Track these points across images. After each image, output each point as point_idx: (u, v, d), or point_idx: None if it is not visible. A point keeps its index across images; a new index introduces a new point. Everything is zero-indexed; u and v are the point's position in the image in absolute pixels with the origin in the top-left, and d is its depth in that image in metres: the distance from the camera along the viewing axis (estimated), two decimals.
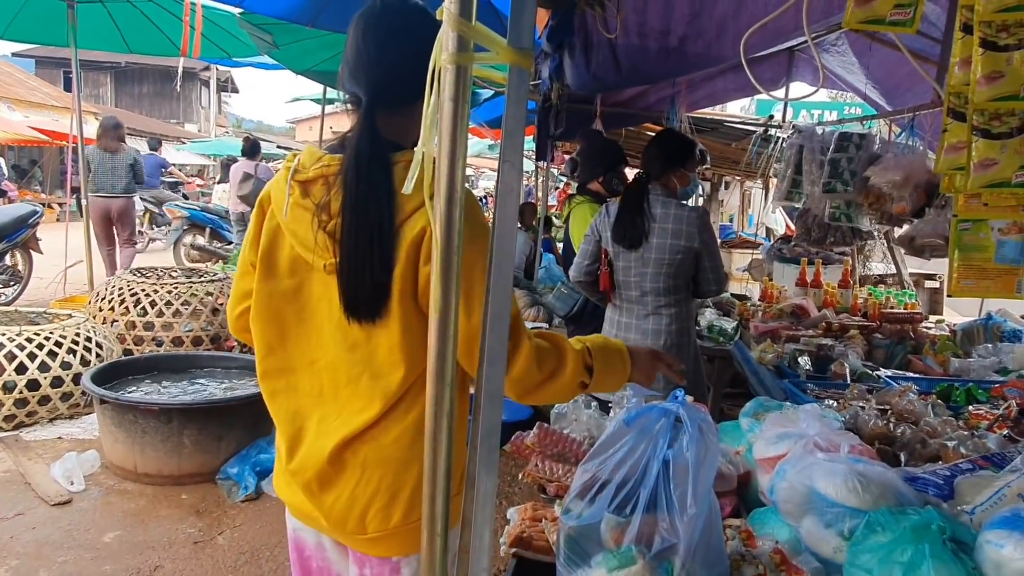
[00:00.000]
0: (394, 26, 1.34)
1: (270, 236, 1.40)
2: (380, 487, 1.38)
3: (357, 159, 1.27)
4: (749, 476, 2.17)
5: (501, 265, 0.97)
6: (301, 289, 1.38)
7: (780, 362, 3.58)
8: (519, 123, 0.97)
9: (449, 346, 0.99)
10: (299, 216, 1.34)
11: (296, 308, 1.39)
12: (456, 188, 0.96)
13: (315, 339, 1.38)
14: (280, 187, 1.39)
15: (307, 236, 1.33)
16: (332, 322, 1.34)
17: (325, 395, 1.39)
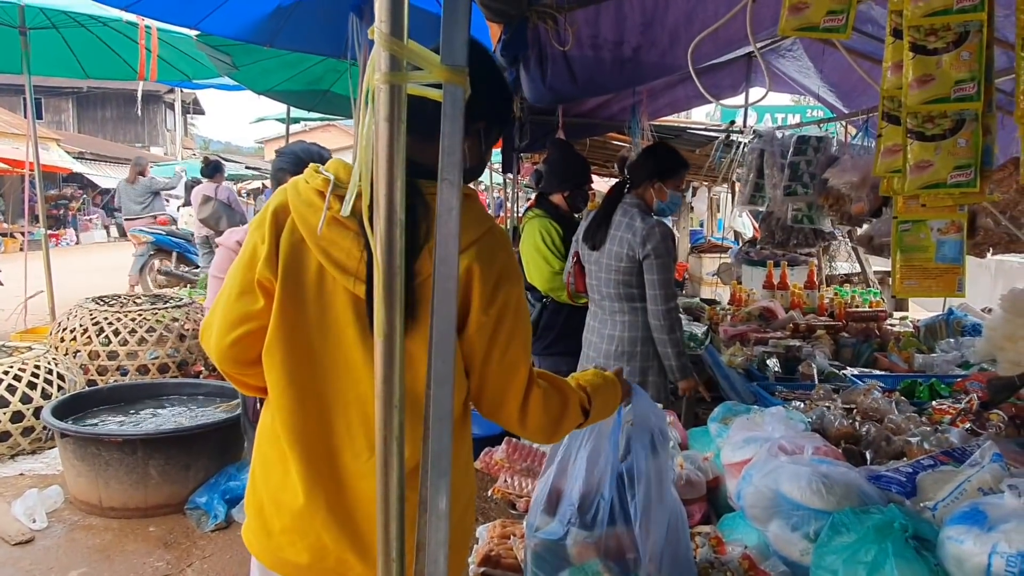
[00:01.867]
0: None
1: (292, 252, 1.28)
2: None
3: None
4: (718, 482, 2.17)
5: (446, 286, 0.96)
6: (327, 313, 1.29)
7: (749, 365, 3.61)
8: (456, 140, 0.96)
9: (395, 369, 0.97)
10: (336, 235, 1.25)
11: (322, 334, 1.29)
12: (395, 209, 0.94)
13: (343, 369, 1.29)
14: (306, 198, 1.28)
15: (346, 256, 1.24)
16: (363, 350, 1.27)
17: (354, 431, 1.30)
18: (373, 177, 0.95)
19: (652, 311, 2.88)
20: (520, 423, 1.37)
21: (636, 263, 2.89)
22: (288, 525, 1.32)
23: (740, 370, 3.60)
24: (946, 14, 1.06)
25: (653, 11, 2.52)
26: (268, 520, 1.36)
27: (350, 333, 1.28)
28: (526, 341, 1.34)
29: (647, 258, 2.85)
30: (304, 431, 1.31)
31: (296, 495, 1.30)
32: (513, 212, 6.78)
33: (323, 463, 1.31)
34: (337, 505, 1.30)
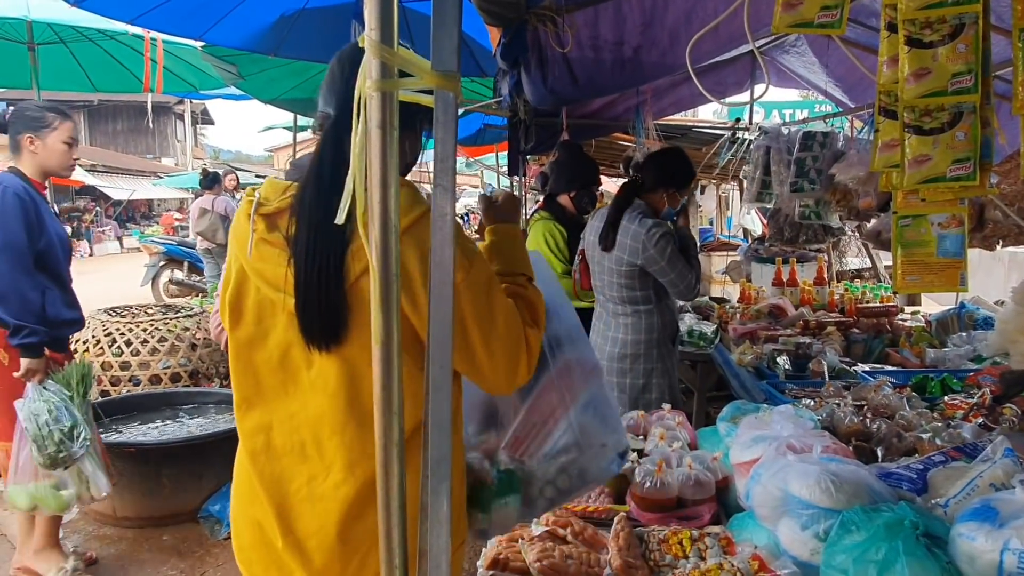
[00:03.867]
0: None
1: (237, 280, 1.30)
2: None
3: (318, 178, 1.21)
4: (727, 482, 2.16)
5: (441, 292, 0.96)
6: (269, 335, 1.27)
7: (759, 363, 3.59)
8: (449, 147, 0.96)
9: (394, 376, 0.98)
10: (266, 254, 1.24)
11: (266, 357, 1.28)
12: (390, 216, 0.95)
13: (292, 388, 1.27)
14: (241, 224, 1.28)
15: (276, 274, 1.23)
16: (311, 370, 1.25)
17: (308, 452, 1.27)
18: (367, 184, 0.95)
19: (679, 294, 2.95)
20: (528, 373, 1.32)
21: (636, 267, 2.90)
22: (255, 540, 1.35)
23: (750, 368, 3.58)
24: (941, 7, 1.05)
25: (652, 11, 2.52)
26: (240, 534, 1.39)
27: (294, 353, 1.26)
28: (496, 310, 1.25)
29: (652, 262, 2.87)
30: (262, 454, 1.31)
31: (263, 509, 1.31)
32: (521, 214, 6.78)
33: (274, 487, 1.30)
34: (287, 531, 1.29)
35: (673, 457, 2.16)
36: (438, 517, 0.97)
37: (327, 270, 1.18)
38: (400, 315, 0.98)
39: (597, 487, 2.04)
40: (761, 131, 5.22)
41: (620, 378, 3.01)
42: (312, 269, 1.19)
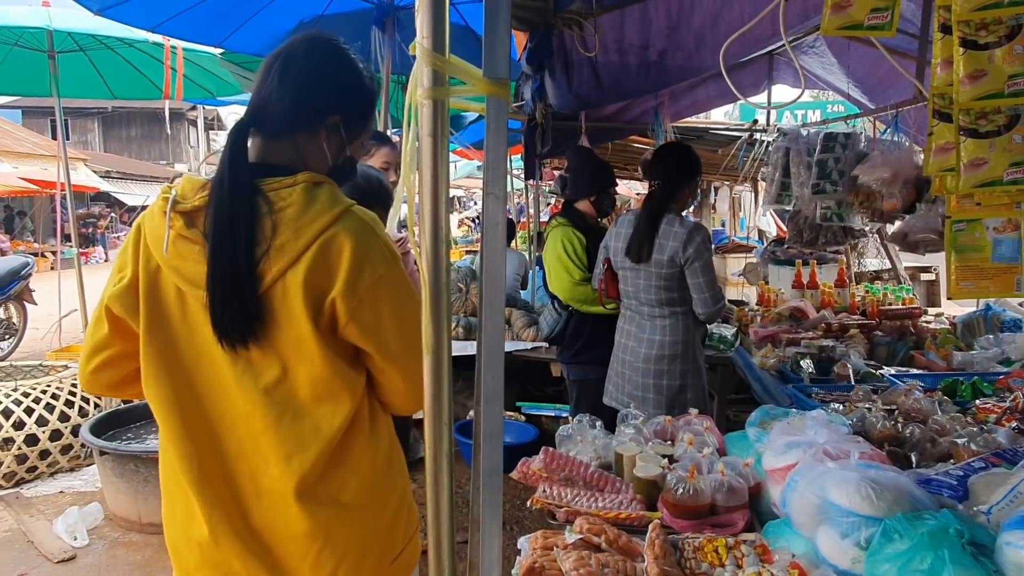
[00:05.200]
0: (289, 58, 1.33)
1: (149, 277, 1.26)
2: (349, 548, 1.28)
3: (222, 179, 1.22)
4: (760, 488, 2.14)
5: (492, 301, 0.95)
6: (195, 334, 1.25)
7: (782, 367, 3.56)
8: (500, 154, 0.95)
9: (444, 386, 0.97)
10: (184, 251, 1.23)
11: (194, 355, 1.26)
12: (441, 225, 0.94)
13: (220, 388, 1.26)
14: (157, 221, 1.26)
15: (195, 271, 1.22)
16: (237, 365, 1.23)
17: (245, 449, 1.26)
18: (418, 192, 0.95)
19: (705, 314, 2.92)
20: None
21: (678, 268, 2.88)
22: (200, 560, 1.30)
23: (773, 372, 3.55)
24: (997, 7, 1.03)
25: (679, 14, 2.50)
26: (183, 559, 1.35)
27: (216, 351, 1.24)
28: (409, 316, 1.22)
29: (689, 262, 2.85)
30: (196, 459, 1.27)
31: (201, 527, 1.27)
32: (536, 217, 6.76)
33: (222, 488, 1.27)
34: (243, 529, 1.27)
35: (704, 463, 2.14)
36: (491, 530, 0.96)
37: (239, 271, 1.19)
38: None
39: None
40: (780, 133, 5.19)
41: (657, 380, 3.00)
42: (222, 267, 1.19)
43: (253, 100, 1.32)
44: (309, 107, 1.30)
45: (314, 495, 1.25)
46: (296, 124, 1.30)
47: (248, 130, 1.29)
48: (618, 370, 3.17)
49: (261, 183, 1.22)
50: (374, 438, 1.30)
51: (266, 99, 1.31)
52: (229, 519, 1.27)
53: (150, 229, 1.27)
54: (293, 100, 1.29)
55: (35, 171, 17.47)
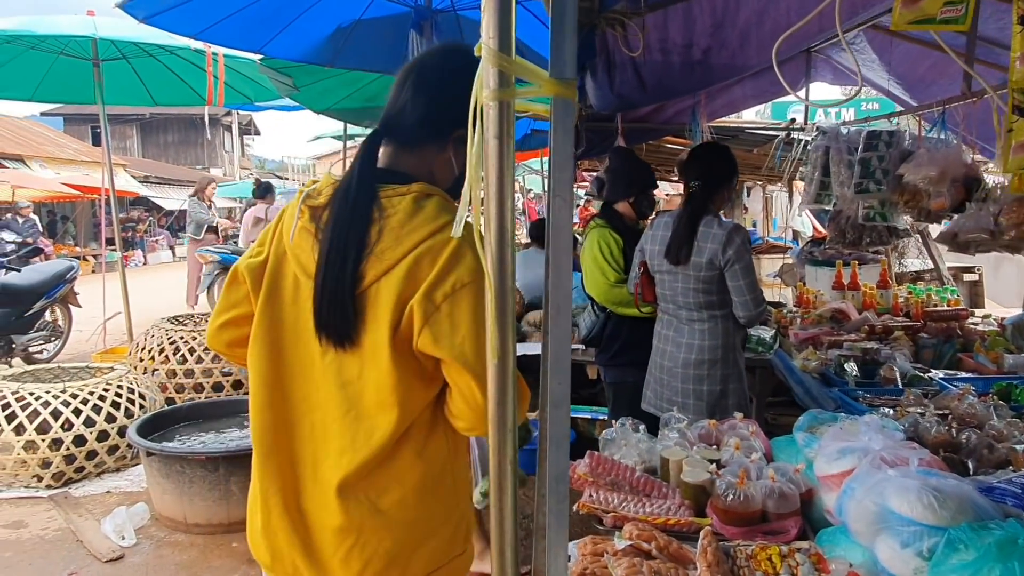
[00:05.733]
0: (422, 70, 1.37)
1: (277, 259, 1.36)
2: (377, 553, 1.29)
3: (347, 182, 1.29)
4: (811, 494, 2.10)
5: (559, 306, 0.94)
6: (300, 318, 1.32)
7: (825, 369, 3.50)
8: (567, 156, 0.94)
9: (509, 393, 0.96)
10: (304, 242, 1.32)
11: (294, 337, 1.33)
12: (506, 229, 0.93)
13: (308, 373, 1.32)
14: (292, 211, 1.37)
15: (309, 261, 1.30)
16: (326, 356, 1.29)
17: (316, 435, 1.32)
18: (484, 195, 0.94)
19: (746, 317, 2.86)
20: None
21: (717, 270, 2.83)
22: (261, 525, 1.37)
23: (815, 375, 3.49)
24: None
25: (723, 12, 2.47)
26: (252, 518, 1.40)
27: (312, 338, 1.30)
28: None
29: (729, 264, 2.80)
30: (272, 432, 1.34)
31: (261, 501, 1.36)
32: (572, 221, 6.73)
33: (285, 466, 1.34)
34: (294, 510, 1.33)
35: (752, 468, 2.10)
36: (558, 539, 0.95)
37: (344, 271, 1.24)
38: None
39: None
40: (819, 131, 5.10)
41: (697, 385, 2.95)
42: (331, 266, 1.25)
43: (387, 109, 1.37)
44: (437, 121, 1.33)
45: (353, 493, 1.29)
46: (424, 137, 1.34)
47: (381, 139, 1.35)
48: (656, 376, 3.13)
49: (380, 189, 1.28)
50: (425, 454, 1.32)
51: (399, 110, 1.36)
52: (283, 496, 1.33)
53: (288, 216, 1.37)
54: (423, 113, 1.33)
55: (77, 176, 17.91)
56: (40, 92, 6.24)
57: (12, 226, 13.08)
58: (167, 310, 7.31)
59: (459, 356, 1.19)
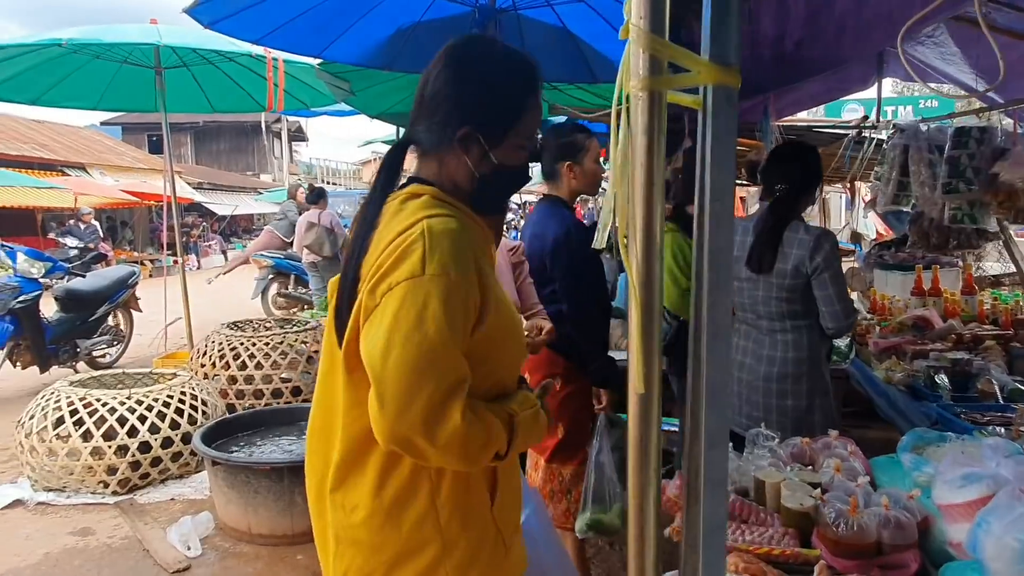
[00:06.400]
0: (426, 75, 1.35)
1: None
2: (352, 567, 1.29)
3: (371, 191, 1.34)
4: (927, 524, 1.92)
5: (718, 327, 0.81)
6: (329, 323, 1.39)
7: (913, 382, 3.28)
8: (728, 154, 0.81)
9: (653, 431, 0.84)
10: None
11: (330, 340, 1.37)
12: (655, 235, 0.81)
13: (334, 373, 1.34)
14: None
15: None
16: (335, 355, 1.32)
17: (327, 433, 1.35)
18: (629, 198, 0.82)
19: (835, 328, 2.67)
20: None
21: (803, 278, 2.66)
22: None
23: (902, 387, 3.28)
24: None
25: (819, 1, 2.30)
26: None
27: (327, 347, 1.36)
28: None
29: (818, 272, 2.61)
30: (314, 425, 1.40)
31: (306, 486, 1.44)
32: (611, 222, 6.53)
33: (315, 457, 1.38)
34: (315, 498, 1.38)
35: (859, 493, 1.94)
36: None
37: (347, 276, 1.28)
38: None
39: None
40: (896, 129, 4.85)
41: (780, 400, 2.77)
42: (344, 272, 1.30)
43: (410, 117, 1.38)
44: (441, 122, 1.31)
45: (335, 500, 1.30)
46: (434, 141, 1.33)
47: (405, 147, 1.36)
48: (735, 389, 2.95)
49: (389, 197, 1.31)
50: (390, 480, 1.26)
51: (414, 118, 1.37)
52: (314, 483, 1.38)
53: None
54: (428, 116, 1.32)
55: (135, 183, 18.43)
56: (104, 101, 6.34)
57: (75, 232, 13.47)
58: (224, 315, 7.39)
59: (368, 355, 1.14)
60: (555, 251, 2.66)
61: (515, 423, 1.24)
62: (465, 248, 1.19)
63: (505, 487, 1.35)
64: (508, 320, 1.32)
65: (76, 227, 13.76)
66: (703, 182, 0.83)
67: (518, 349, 1.40)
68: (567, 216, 2.75)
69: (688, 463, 0.88)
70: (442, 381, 1.12)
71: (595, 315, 2.72)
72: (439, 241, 1.17)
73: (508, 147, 1.33)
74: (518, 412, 1.26)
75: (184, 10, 3.24)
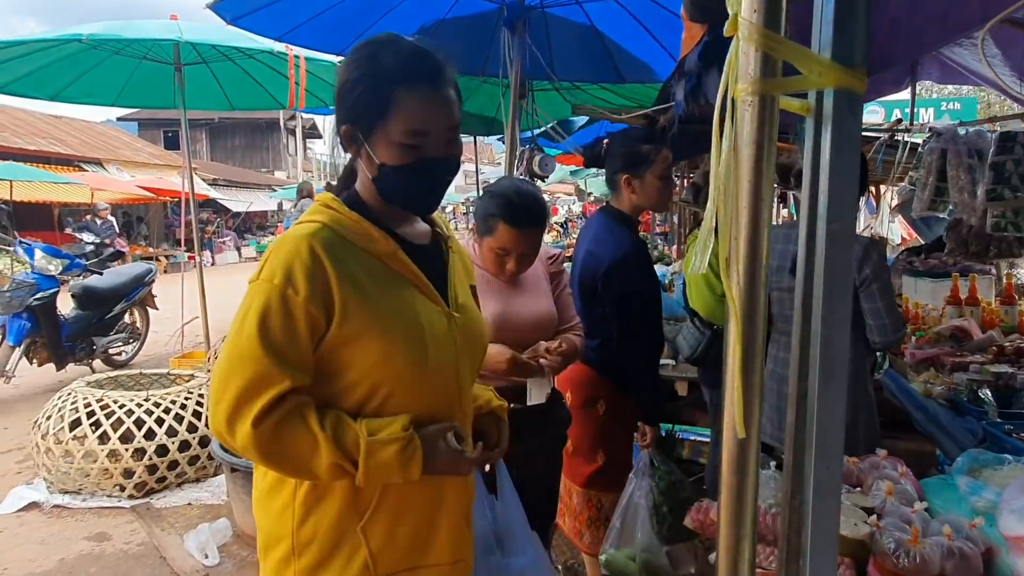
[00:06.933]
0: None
1: None
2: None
3: None
4: (990, 555, 1.81)
5: (833, 366, 0.71)
6: None
7: (954, 395, 3.16)
8: (852, 168, 0.71)
9: (750, 467, 0.73)
10: None
11: None
12: (760, 255, 0.71)
13: None
14: None
15: None
16: None
17: None
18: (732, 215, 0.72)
19: (883, 342, 2.54)
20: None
21: None
22: None
23: (941, 401, 3.15)
24: None
25: None
26: None
27: None
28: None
29: (866, 284, 2.49)
30: None
31: None
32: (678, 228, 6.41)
33: None
34: None
35: (916, 520, 1.83)
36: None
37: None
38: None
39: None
40: (933, 133, 4.71)
41: None
42: None
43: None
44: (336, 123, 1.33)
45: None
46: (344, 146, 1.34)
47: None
48: (774, 403, 2.83)
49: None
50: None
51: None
52: None
53: None
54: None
55: (151, 179, 18.47)
56: (123, 97, 6.30)
57: (91, 227, 13.49)
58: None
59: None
60: (607, 276, 2.48)
61: (362, 447, 1.19)
62: (307, 255, 1.19)
63: (398, 511, 1.28)
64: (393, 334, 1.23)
65: (93, 223, 13.78)
66: (814, 200, 0.73)
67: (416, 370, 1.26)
68: (625, 237, 2.55)
69: (787, 515, 0.77)
70: (243, 384, 1.16)
71: (647, 345, 2.55)
72: (278, 248, 1.22)
73: (385, 144, 1.26)
74: (366, 438, 1.19)
75: (207, 5, 3.17)
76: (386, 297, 1.26)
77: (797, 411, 0.77)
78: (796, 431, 0.77)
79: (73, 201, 15.83)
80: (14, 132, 17.19)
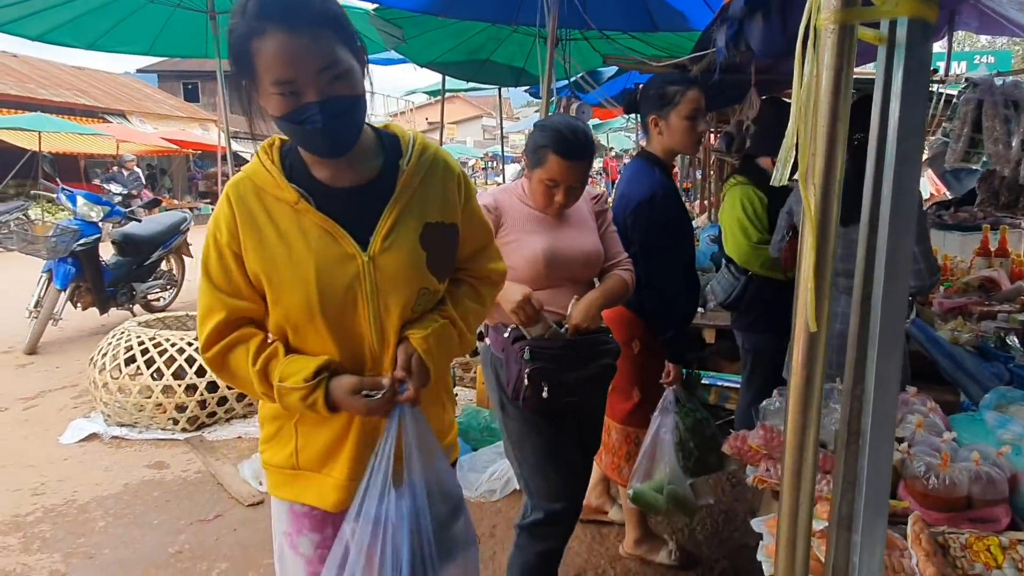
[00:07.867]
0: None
1: None
2: None
3: None
4: (1016, 481, 1.91)
5: (897, 272, 0.80)
6: None
7: (981, 343, 3.23)
8: (922, 91, 0.79)
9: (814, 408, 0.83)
10: None
11: None
12: (834, 181, 0.80)
13: None
14: None
15: None
16: None
17: None
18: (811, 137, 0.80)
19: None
20: None
21: None
22: None
23: (969, 348, 3.23)
24: None
25: None
26: None
27: None
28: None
29: None
30: None
31: None
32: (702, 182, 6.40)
33: None
34: None
35: (945, 448, 1.93)
36: (873, 530, 0.82)
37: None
38: None
39: None
40: (969, 83, 4.67)
41: None
42: None
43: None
44: None
45: None
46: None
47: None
48: (833, 344, 2.92)
49: None
50: None
51: None
52: None
53: None
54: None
55: (173, 131, 18.56)
56: (157, 46, 6.36)
57: (118, 179, 13.64)
58: None
59: None
60: (635, 214, 2.54)
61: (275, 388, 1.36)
62: (224, 202, 1.37)
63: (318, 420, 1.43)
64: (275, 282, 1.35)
65: (120, 174, 13.93)
66: (885, 120, 0.81)
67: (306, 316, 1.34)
68: (655, 178, 2.61)
69: (848, 403, 0.88)
70: (200, 313, 1.40)
71: (674, 285, 2.60)
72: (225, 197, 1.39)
73: (265, 97, 1.29)
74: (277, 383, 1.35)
75: None
76: (283, 245, 1.33)
77: (861, 310, 0.87)
78: (860, 327, 0.87)
79: (98, 152, 15.98)
80: (40, 84, 17.29)
